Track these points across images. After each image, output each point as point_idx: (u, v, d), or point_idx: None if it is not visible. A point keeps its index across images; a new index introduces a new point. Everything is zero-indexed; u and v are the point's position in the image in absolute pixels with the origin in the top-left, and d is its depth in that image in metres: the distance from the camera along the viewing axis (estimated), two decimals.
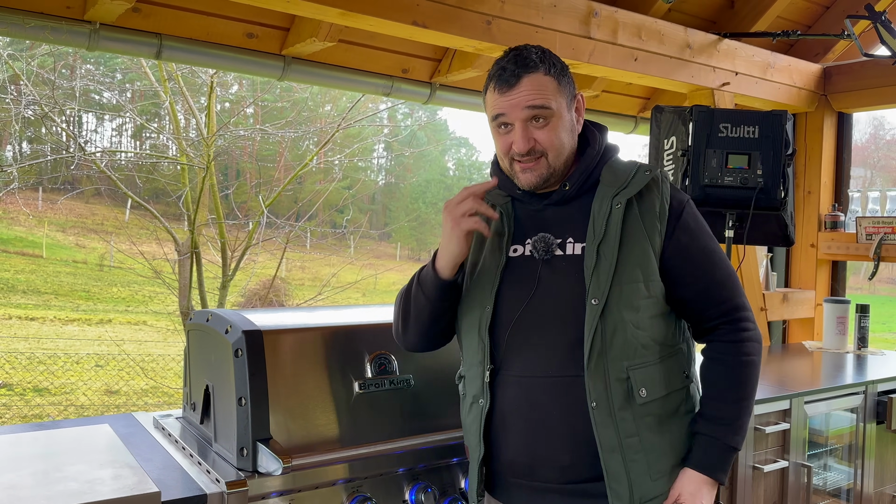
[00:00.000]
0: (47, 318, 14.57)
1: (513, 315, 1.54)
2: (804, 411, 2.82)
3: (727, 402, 1.55)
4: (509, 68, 1.52)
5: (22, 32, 2.58)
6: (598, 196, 1.54)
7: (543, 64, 1.52)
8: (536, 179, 1.54)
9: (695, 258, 1.55)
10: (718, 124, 2.16)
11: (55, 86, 7.52)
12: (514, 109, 1.51)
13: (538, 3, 2.98)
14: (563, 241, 1.55)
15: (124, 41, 2.73)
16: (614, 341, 1.46)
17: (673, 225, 1.54)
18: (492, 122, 1.56)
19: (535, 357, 1.52)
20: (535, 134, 1.51)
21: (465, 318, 1.64)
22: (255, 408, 1.70)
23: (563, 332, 1.49)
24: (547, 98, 1.51)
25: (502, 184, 1.64)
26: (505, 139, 1.54)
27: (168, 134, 11.48)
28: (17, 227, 21.76)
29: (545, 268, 1.54)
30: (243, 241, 8.27)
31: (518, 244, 1.59)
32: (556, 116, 1.52)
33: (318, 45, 2.88)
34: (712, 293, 1.56)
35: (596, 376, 1.46)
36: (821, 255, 4.15)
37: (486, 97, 1.58)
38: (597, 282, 1.47)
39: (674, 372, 1.56)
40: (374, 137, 12.41)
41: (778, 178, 2.13)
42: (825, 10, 4.16)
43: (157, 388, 9.90)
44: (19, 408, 9.12)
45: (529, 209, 1.62)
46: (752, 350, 1.57)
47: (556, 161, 1.54)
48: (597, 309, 1.46)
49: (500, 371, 1.56)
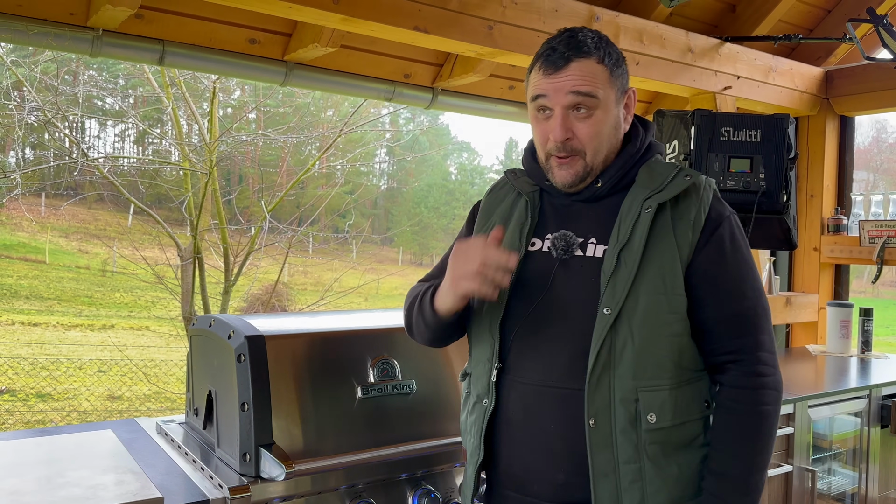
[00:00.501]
0: (50, 323, 14.58)
1: (522, 314, 1.44)
2: (808, 415, 2.81)
3: (738, 458, 1.36)
4: (560, 49, 1.39)
5: (25, 39, 2.59)
6: (629, 197, 1.42)
7: (598, 51, 1.40)
8: (572, 178, 1.43)
9: (722, 281, 1.39)
10: (720, 128, 2.16)
11: (58, 92, 7.54)
12: (557, 94, 1.38)
13: (539, 7, 2.99)
14: (584, 240, 1.43)
15: (127, 47, 2.74)
16: (624, 357, 1.33)
17: (706, 238, 1.38)
18: (531, 104, 1.45)
19: (537, 363, 1.41)
20: (575, 126, 1.39)
21: (476, 311, 1.53)
22: (258, 413, 1.70)
23: (570, 339, 1.38)
24: (595, 86, 1.38)
25: (532, 171, 1.55)
26: (543, 127, 1.43)
27: (171, 139, 11.51)
28: (19, 233, 21.80)
29: (561, 268, 1.43)
30: (245, 246, 8.28)
31: (538, 238, 1.49)
32: (602, 109, 1.39)
33: (320, 50, 2.88)
34: (732, 325, 1.39)
35: (597, 393, 1.33)
36: (824, 259, 4.14)
37: (530, 77, 1.46)
38: (612, 289, 1.34)
39: (693, 400, 1.40)
40: (375, 142, 12.42)
41: (780, 181, 2.12)
42: (827, 13, 4.16)
43: (160, 393, 9.90)
44: (22, 413, 9.13)
45: (556, 202, 1.51)
46: (765, 398, 1.38)
47: (595, 160, 1.42)
48: (608, 319, 1.33)
49: (505, 371, 1.46)
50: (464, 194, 35.11)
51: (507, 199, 1.58)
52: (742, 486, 1.36)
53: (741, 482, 1.36)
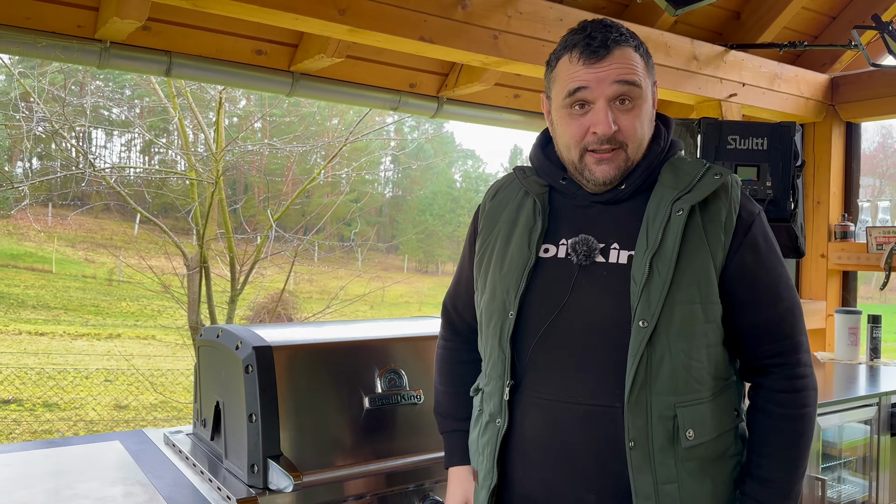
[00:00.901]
0: (57, 333, 14.63)
1: (540, 326, 1.32)
2: (817, 424, 2.79)
3: (780, 462, 1.31)
4: (598, 36, 1.28)
5: (34, 51, 2.61)
6: (654, 198, 1.31)
7: (633, 38, 1.32)
8: (615, 172, 1.31)
9: (759, 284, 1.32)
10: (727, 136, 2.16)
11: (66, 103, 7.58)
12: (601, 84, 1.27)
13: (544, 17, 2.99)
14: (606, 245, 1.32)
15: (134, 59, 2.76)
16: (661, 372, 1.24)
17: (740, 240, 1.30)
18: (565, 101, 1.31)
19: (562, 378, 1.30)
20: (619, 118, 1.28)
21: (486, 322, 1.42)
22: (266, 424, 1.70)
23: (599, 353, 1.28)
24: (639, 75, 1.29)
25: (544, 169, 1.43)
26: (580, 122, 1.30)
27: (177, 149, 11.56)
28: (27, 243, 21.91)
29: (582, 275, 1.31)
30: (252, 255, 8.30)
31: (550, 243, 1.37)
32: (643, 101, 1.31)
33: (326, 61, 2.90)
34: (772, 328, 1.32)
35: (636, 411, 1.24)
36: (831, 266, 4.13)
37: (559, 69, 1.33)
38: (647, 300, 1.24)
39: (726, 410, 1.35)
40: (381, 151, 12.46)
41: (787, 189, 2.12)
42: (832, 20, 4.16)
43: (167, 402, 9.91)
44: (29, 423, 9.15)
45: (571, 204, 1.39)
46: (807, 400, 1.33)
47: (636, 154, 1.32)
48: (645, 332, 1.23)
49: (520, 388, 1.35)
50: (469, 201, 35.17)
51: (513, 200, 1.45)
52: (787, 491, 1.31)
53: (787, 488, 1.31)
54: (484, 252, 1.45)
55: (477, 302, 1.47)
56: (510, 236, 1.41)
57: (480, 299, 1.45)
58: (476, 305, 1.48)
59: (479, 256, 1.46)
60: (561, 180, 1.39)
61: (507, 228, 1.42)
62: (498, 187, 1.52)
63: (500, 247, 1.41)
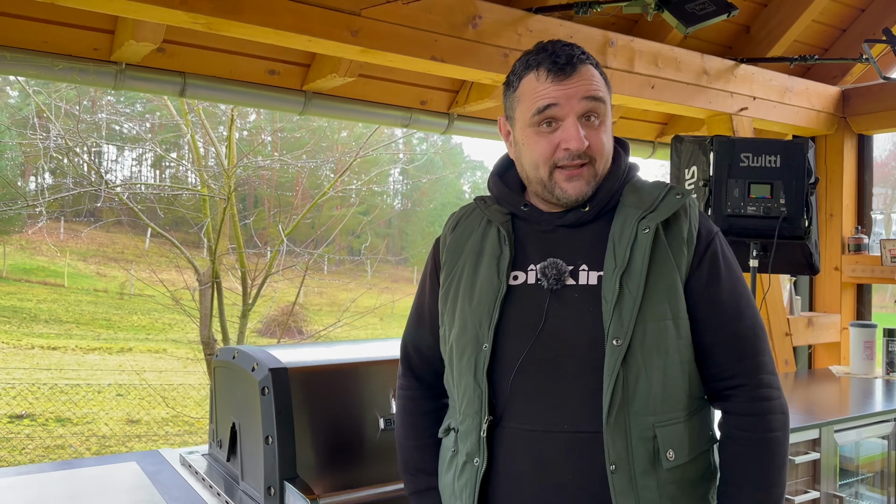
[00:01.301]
0: (69, 347, 14.70)
1: (517, 356, 1.29)
2: (834, 440, 2.77)
3: (749, 492, 1.28)
4: (563, 54, 1.28)
5: (51, 74, 2.64)
6: (618, 218, 1.32)
7: (592, 58, 1.33)
8: (585, 188, 1.30)
9: (719, 300, 1.31)
10: (740, 154, 2.16)
11: (79, 119, 7.66)
12: (571, 100, 1.27)
13: (555, 34, 3.01)
14: (575, 268, 1.31)
15: (149, 80, 2.79)
16: (638, 391, 1.23)
17: (700, 256, 1.31)
18: (532, 119, 1.30)
19: (544, 407, 1.27)
20: (588, 134, 1.28)
21: (455, 359, 1.36)
22: (282, 446, 1.70)
23: (578, 377, 1.26)
24: (603, 93, 1.30)
25: (503, 197, 1.41)
26: (548, 139, 1.29)
27: (188, 164, 11.65)
28: (39, 257, 22.06)
29: (555, 299, 1.30)
30: (263, 269, 8.33)
31: (519, 270, 1.34)
32: (607, 117, 1.32)
33: (338, 80, 2.92)
34: (733, 345, 1.31)
35: (616, 433, 1.22)
36: (845, 279, 4.10)
37: (523, 88, 1.32)
38: (619, 318, 1.24)
39: (702, 430, 1.33)
40: (390, 165, 12.51)
41: (801, 206, 2.11)
42: (842, 32, 4.16)
43: (178, 416, 9.93)
44: (42, 439, 9.18)
45: (534, 229, 1.37)
46: (773, 424, 1.30)
47: (603, 169, 1.33)
48: (619, 351, 1.22)
49: (500, 423, 1.31)
50: None
51: (476, 230, 1.42)
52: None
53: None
54: (450, 285, 1.42)
55: (444, 337, 1.43)
56: (477, 267, 1.38)
57: (449, 334, 1.40)
58: (442, 341, 1.43)
59: (445, 290, 1.43)
60: (522, 207, 1.38)
61: (473, 259, 1.39)
62: (458, 218, 1.49)
63: (468, 278, 1.38)
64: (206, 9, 2.24)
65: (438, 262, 1.48)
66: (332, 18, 2.43)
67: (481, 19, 2.80)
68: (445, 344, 1.41)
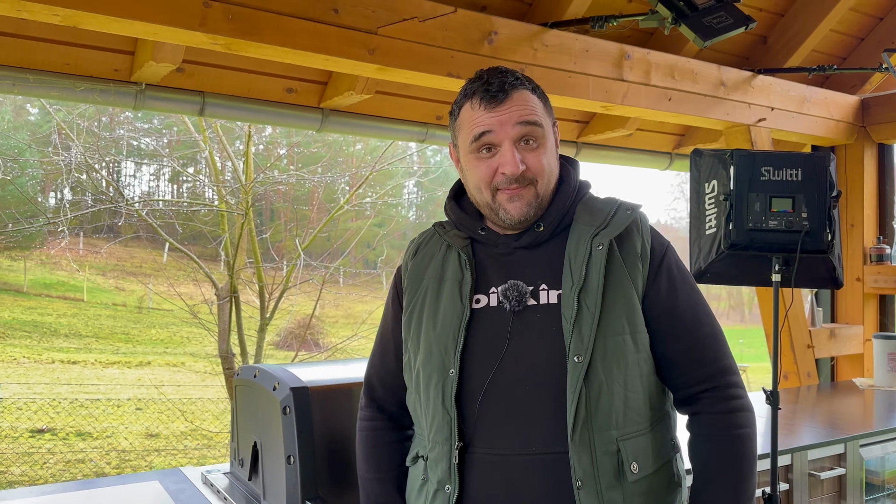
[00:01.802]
0: (88, 361, 14.83)
1: (483, 379, 1.29)
2: (860, 455, 2.73)
3: (723, 489, 1.30)
4: (496, 82, 1.31)
5: (73, 96, 2.68)
6: (572, 236, 1.34)
7: (529, 82, 1.36)
8: (526, 209, 1.32)
9: (677, 311, 1.34)
10: (760, 167, 2.14)
11: (98, 137, 7.76)
12: (504, 126, 1.30)
13: (570, 48, 3.01)
14: (535, 288, 1.32)
15: (169, 100, 2.82)
16: (600, 406, 1.25)
17: (655, 269, 1.34)
18: (471, 146, 1.33)
19: (512, 431, 1.28)
20: (525, 157, 1.31)
21: (422, 385, 1.36)
22: (304, 466, 1.70)
23: (544, 397, 1.27)
24: (538, 115, 1.33)
25: (461, 222, 1.43)
26: (487, 164, 1.32)
27: (206, 179, 11.75)
28: (59, 272, 22.30)
29: (517, 321, 1.31)
30: (280, 282, 8.37)
31: (481, 294, 1.36)
32: (546, 139, 1.34)
33: (355, 97, 2.94)
34: (696, 353, 1.34)
35: (581, 449, 1.24)
36: (867, 290, 4.06)
37: (462, 117, 1.36)
38: (579, 335, 1.26)
39: (664, 441, 1.35)
40: (405, 178, 12.56)
41: (824, 220, 2.09)
42: (860, 41, 4.13)
43: (197, 430, 9.97)
44: (63, 453, 9.25)
45: (493, 252, 1.39)
46: (744, 421, 1.33)
47: (545, 190, 1.35)
48: (581, 367, 1.24)
49: (469, 449, 1.30)
50: None
51: (437, 255, 1.44)
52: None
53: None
54: (412, 311, 1.42)
55: (408, 364, 1.42)
56: (439, 292, 1.39)
57: (414, 360, 1.39)
58: (406, 368, 1.43)
59: (408, 316, 1.43)
60: (480, 231, 1.40)
61: (435, 284, 1.40)
62: (418, 245, 1.50)
63: (431, 303, 1.39)
64: (225, 30, 2.27)
65: (400, 289, 1.48)
66: (349, 37, 2.45)
67: (497, 35, 2.81)
68: (411, 371, 1.41)
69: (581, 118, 4.00)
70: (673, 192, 39.60)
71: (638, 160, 4.34)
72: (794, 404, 3.35)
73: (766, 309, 3.74)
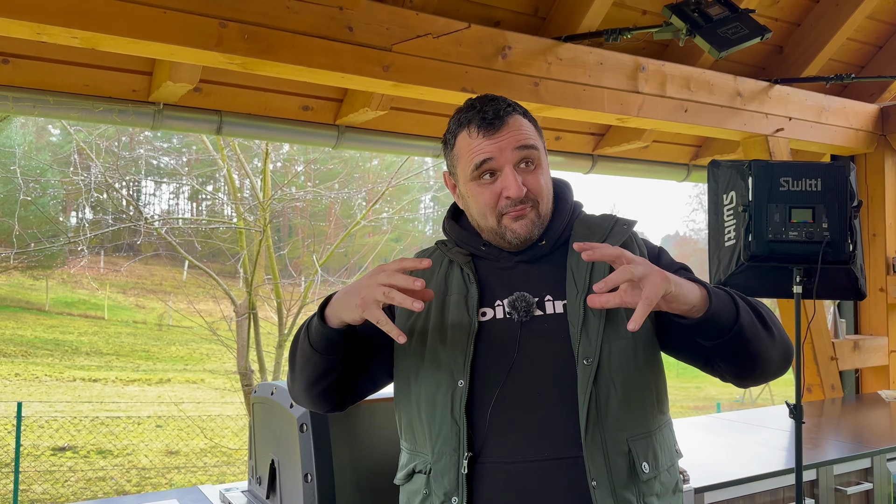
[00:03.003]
0: (109, 379, 14.94)
1: (493, 389, 1.31)
2: (887, 469, 2.68)
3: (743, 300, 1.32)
4: (490, 110, 1.35)
5: (92, 116, 2.72)
6: (573, 251, 1.37)
7: (519, 108, 1.40)
8: (531, 227, 1.37)
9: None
10: (779, 178, 2.11)
11: (118, 157, 7.86)
12: (504, 152, 1.34)
13: (584, 62, 3.01)
14: (540, 299, 1.36)
15: (187, 119, 2.85)
16: (610, 407, 1.28)
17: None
18: (472, 173, 1.36)
19: (523, 438, 1.29)
20: (525, 179, 1.35)
21: (427, 397, 1.36)
22: (322, 484, 1.70)
23: (555, 403, 1.29)
24: (534, 139, 1.38)
25: (462, 239, 1.46)
26: (491, 189, 1.36)
27: (225, 196, 11.85)
28: (80, 291, 22.55)
29: (525, 331, 1.34)
30: (298, 299, 8.39)
31: (487, 307, 1.38)
32: (541, 160, 1.39)
33: (370, 114, 2.95)
34: None
35: (594, 450, 1.26)
36: (891, 300, 3.99)
37: (459, 146, 1.39)
38: (587, 339, 1.30)
39: (668, 444, 1.39)
40: (421, 193, 12.59)
41: (845, 230, 2.06)
42: (878, 49, 4.10)
43: (216, 447, 9.99)
44: (84, 471, 9.30)
45: (495, 267, 1.43)
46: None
47: (546, 209, 1.40)
48: (590, 369, 1.28)
49: (477, 458, 1.31)
50: None
51: (438, 272, 1.46)
52: (746, 306, 1.30)
53: (745, 303, 1.31)
54: (415, 324, 1.42)
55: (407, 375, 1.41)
56: (444, 307, 1.40)
57: (416, 373, 1.39)
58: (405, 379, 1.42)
59: (409, 329, 1.41)
60: (482, 247, 1.44)
61: (440, 299, 1.41)
62: None
63: (436, 318, 1.40)
64: (242, 49, 2.29)
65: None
66: (364, 55, 2.46)
67: (511, 50, 2.82)
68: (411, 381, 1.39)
69: (597, 131, 3.98)
70: (691, 204, 39.37)
71: (654, 172, 4.32)
72: (819, 418, 3.30)
73: (787, 321, 3.69)
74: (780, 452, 2.65)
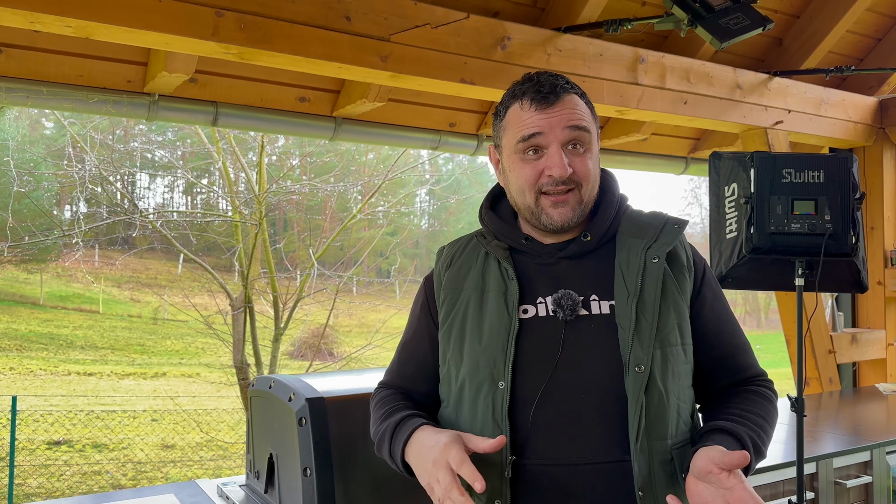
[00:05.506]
0: (104, 372, 14.90)
1: (536, 390, 1.27)
2: (886, 462, 2.67)
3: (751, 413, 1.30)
4: (547, 83, 1.30)
5: (86, 107, 2.69)
6: (621, 248, 1.34)
7: (578, 88, 1.35)
8: (571, 214, 1.31)
9: (720, 320, 1.38)
10: (781, 170, 2.09)
11: (113, 149, 7.81)
12: (555, 128, 1.28)
13: (584, 53, 2.99)
14: (585, 298, 1.31)
15: (182, 110, 2.82)
16: (659, 417, 1.25)
17: (699, 281, 1.37)
18: (517, 146, 1.31)
19: (567, 440, 1.26)
20: (572, 161, 1.29)
21: (468, 398, 1.32)
22: (321, 478, 1.68)
23: (600, 406, 1.26)
24: (587, 121, 1.32)
25: (501, 231, 1.40)
26: (534, 166, 1.30)
27: (220, 190, 11.80)
28: (74, 284, 22.46)
29: (570, 330, 1.29)
30: (294, 292, 8.37)
31: (528, 304, 1.33)
32: (593, 145, 1.33)
33: (368, 105, 2.92)
34: (735, 359, 1.39)
35: (641, 458, 1.23)
36: (889, 293, 3.99)
37: (509, 117, 1.33)
38: (639, 345, 1.25)
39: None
40: (417, 186, 12.55)
41: (848, 223, 2.04)
42: (877, 42, 4.08)
43: (212, 441, 9.97)
44: (79, 465, 9.27)
45: (536, 263, 1.37)
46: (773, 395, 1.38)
47: (589, 196, 1.33)
48: (642, 378, 1.24)
49: (519, 461, 1.27)
50: None
51: (475, 266, 1.41)
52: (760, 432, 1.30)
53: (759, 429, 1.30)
54: (452, 322, 1.38)
55: (447, 377, 1.39)
56: (482, 303, 1.35)
57: (456, 374, 1.36)
58: (447, 382, 1.39)
59: (447, 328, 1.39)
60: (523, 240, 1.38)
61: (477, 295, 1.37)
62: (452, 254, 1.46)
63: (473, 315, 1.35)
64: (238, 39, 2.26)
65: (433, 300, 1.45)
66: (362, 45, 2.43)
67: (510, 41, 2.79)
68: (451, 383, 1.37)
69: None
70: (686, 198, 39.38)
71: (653, 165, 4.31)
72: (817, 411, 3.29)
73: (786, 314, 3.68)
74: (779, 446, 2.64)
